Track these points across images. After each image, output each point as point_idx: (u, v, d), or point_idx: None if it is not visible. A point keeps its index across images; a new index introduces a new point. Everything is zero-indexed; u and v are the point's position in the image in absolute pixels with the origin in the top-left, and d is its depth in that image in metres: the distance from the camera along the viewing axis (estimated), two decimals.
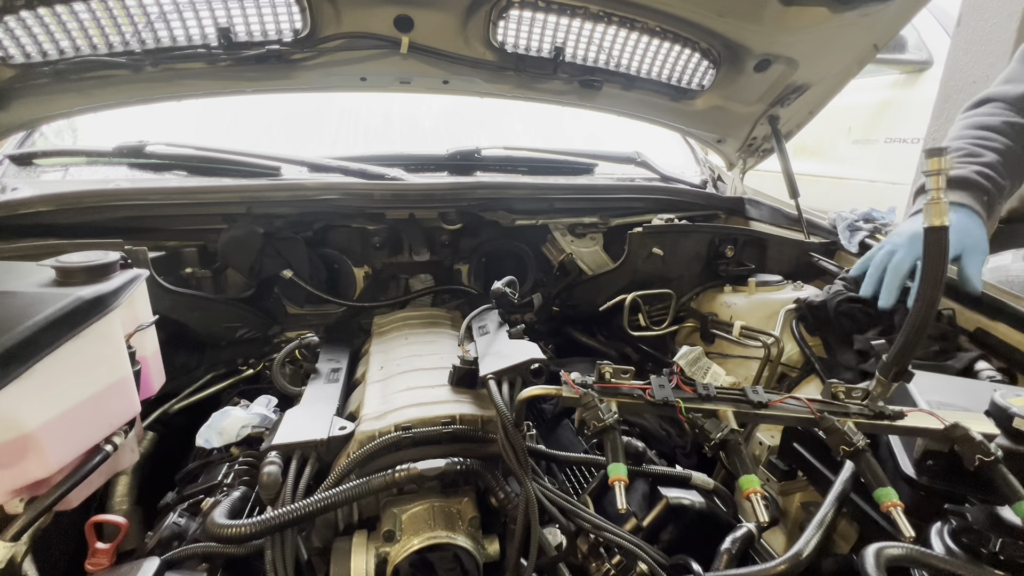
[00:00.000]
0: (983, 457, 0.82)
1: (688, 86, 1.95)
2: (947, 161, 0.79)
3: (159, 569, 0.87)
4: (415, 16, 1.59)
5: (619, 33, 1.73)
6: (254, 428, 1.32)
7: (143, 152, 1.84)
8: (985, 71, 2.83)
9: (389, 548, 0.97)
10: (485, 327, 1.42)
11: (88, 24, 1.45)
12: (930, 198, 0.81)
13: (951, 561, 0.78)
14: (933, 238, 0.82)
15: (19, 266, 1.05)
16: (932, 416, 0.91)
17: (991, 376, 1.22)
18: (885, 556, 0.76)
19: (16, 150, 1.82)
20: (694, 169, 2.55)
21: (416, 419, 1.09)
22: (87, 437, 0.97)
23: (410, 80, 1.82)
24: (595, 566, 1.02)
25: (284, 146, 2.10)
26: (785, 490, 1.25)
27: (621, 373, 0.95)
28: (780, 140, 2.10)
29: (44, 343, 0.85)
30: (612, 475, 0.82)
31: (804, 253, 1.94)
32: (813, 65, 1.83)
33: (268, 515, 0.90)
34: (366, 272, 1.96)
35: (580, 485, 1.26)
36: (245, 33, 1.57)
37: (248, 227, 1.70)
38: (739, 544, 0.96)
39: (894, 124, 3.70)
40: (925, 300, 0.84)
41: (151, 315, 1.21)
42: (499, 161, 2.23)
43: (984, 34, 2.83)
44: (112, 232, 1.59)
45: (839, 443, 0.87)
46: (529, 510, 0.92)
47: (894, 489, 0.83)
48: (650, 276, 1.92)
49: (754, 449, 1.37)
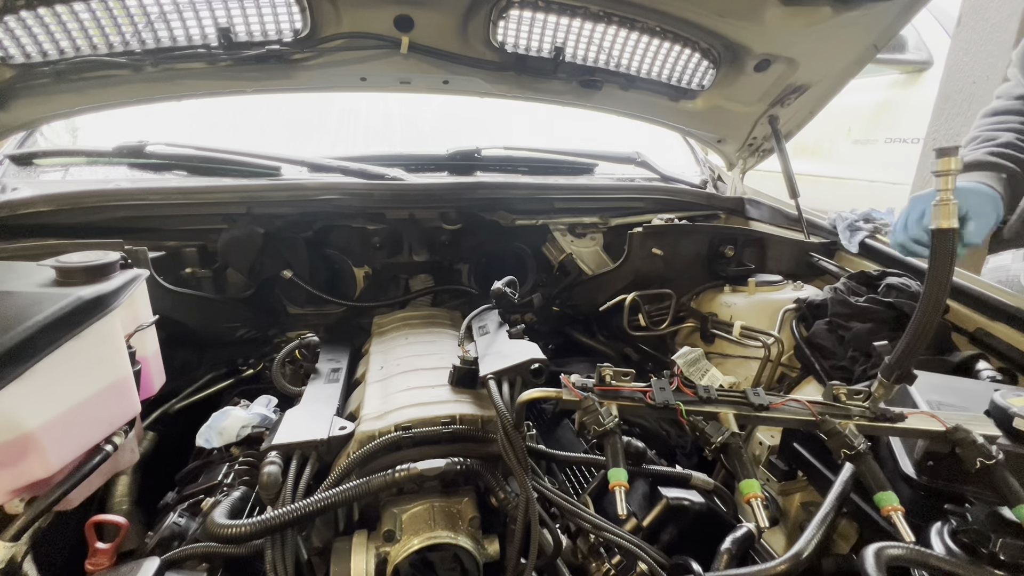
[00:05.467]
0: (984, 460, 0.82)
1: (688, 86, 1.95)
2: (957, 161, 0.78)
3: (159, 569, 0.87)
4: (415, 16, 1.59)
5: (619, 33, 1.73)
6: (254, 428, 1.32)
7: (143, 152, 1.84)
8: (985, 71, 2.83)
9: (389, 548, 0.97)
10: (485, 327, 1.42)
11: (88, 24, 1.45)
12: (939, 199, 0.80)
13: (951, 561, 0.78)
14: (940, 240, 0.81)
15: (19, 266, 1.05)
16: (933, 418, 0.91)
17: (991, 376, 1.22)
18: (885, 556, 0.76)
19: (16, 150, 1.82)
20: (694, 169, 2.55)
21: (416, 419, 1.09)
22: (87, 437, 0.97)
23: (410, 80, 1.82)
24: (595, 566, 1.02)
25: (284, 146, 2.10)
26: (785, 490, 1.25)
27: (621, 375, 0.95)
28: (780, 140, 2.10)
29: (44, 343, 0.85)
30: (612, 480, 0.82)
31: (804, 253, 1.94)
32: (813, 65, 1.83)
33: (268, 515, 0.90)
34: (366, 272, 1.96)
35: (580, 485, 1.26)
36: (245, 33, 1.57)
37: (248, 227, 1.70)
38: (739, 544, 0.96)
39: (894, 124, 3.70)
40: (930, 302, 0.83)
41: (151, 315, 1.21)
42: (499, 161, 2.23)
43: (984, 34, 2.83)
44: (112, 232, 1.59)
45: (840, 446, 0.87)
46: (529, 510, 0.92)
47: (894, 489, 0.83)
48: (650, 276, 1.92)
49: (754, 449, 1.37)
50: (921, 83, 3.55)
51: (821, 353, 1.48)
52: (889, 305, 1.40)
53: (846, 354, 1.41)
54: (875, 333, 1.38)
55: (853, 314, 1.44)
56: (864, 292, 1.50)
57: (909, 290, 1.42)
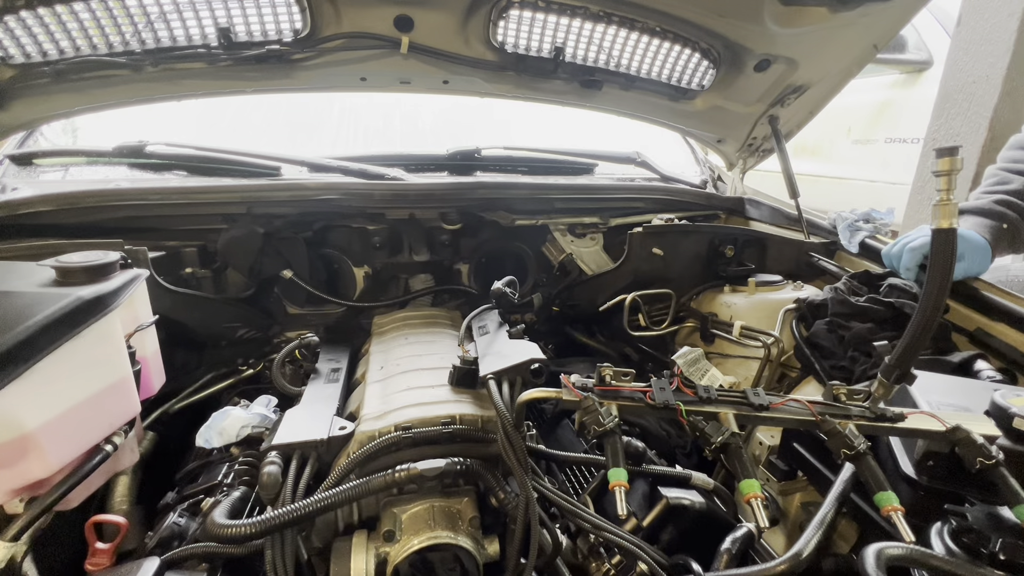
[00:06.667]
0: (984, 460, 0.82)
1: (688, 86, 1.95)
2: (958, 161, 0.78)
3: (159, 569, 0.87)
4: (415, 16, 1.59)
5: (619, 33, 1.73)
6: (254, 428, 1.32)
7: (143, 152, 1.84)
8: (985, 71, 2.83)
9: (389, 548, 0.97)
10: (485, 327, 1.42)
11: (88, 24, 1.45)
12: (939, 199, 0.80)
13: (951, 561, 0.78)
14: (940, 240, 0.81)
15: (19, 266, 1.05)
16: (933, 418, 0.91)
17: (991, 376, 1.22)
18: (885, 556, 0.76)
19: (16, 150, 1.82)
20: (694, 169, 2.55)
21: (416, 419, 1.09)
22: (87, 437, 0.97)
23: (410, 80, 1.82)
24: (595, 566, 1.02)
25: (284, 146, 2.10)
26: (785, 490, 1.25)
27: (621, 375, 0.95)
28: (780, 140, 2.10)
29: (44, 343, 0.85)
30: (612, 480, 0.82)
31: (804, 253, 1.94)
32: (813, 65, 1.83)
33: (268, 515, 0.90)
34: (366, 272, 1.96)
35: (580, 485, 1.26)
36: (245, 33, 1.57)
37: (248, 227, 1.70)
38: (739, 544, 0.96)
39: (894, 124, 3.70)
40: (930, 302, 0.83)
41: (151, 315, 1.21)
42: (499, 161, 2.23)
43: (984, 34, 2.83)
44: (112, 232, 1.59)
45: (840, 446, 0.87)
46: (529, 510, 0.92)
47: (894, 489, 0.83)
48: (650, 276, 1.92)
49: (754, 449, 1.37)
50: (921, 83, 3.55)
51: (821, 353, 1.48)
52: (889, 305, 1.40)
53: (846, 354, 1.41)
54: (875, 333, 1.38)
55: (853, 314, 1.44)
56: (864, 292, 1.50)
57: (910, 290, 1.42)
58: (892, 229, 1.84)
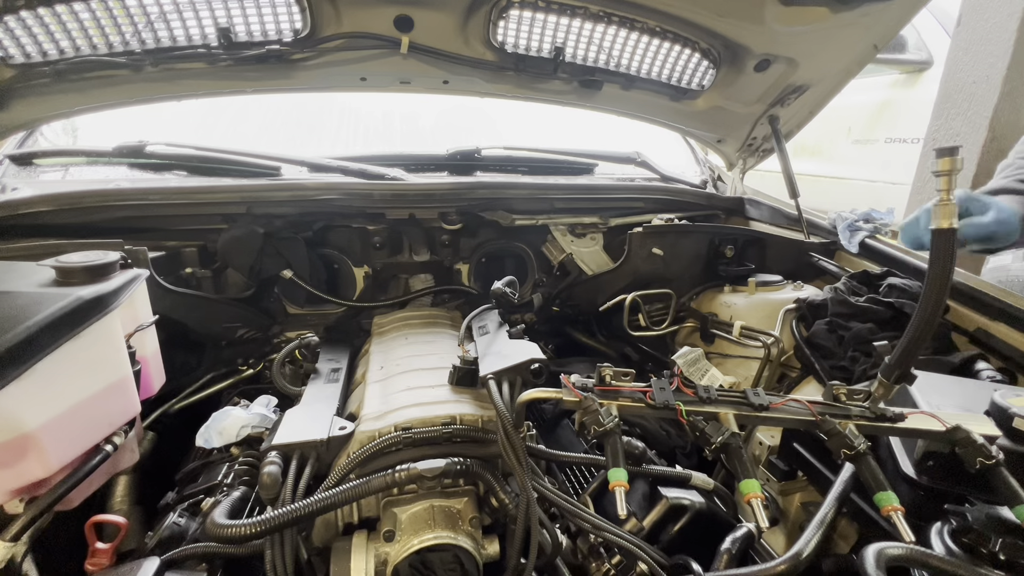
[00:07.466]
0: (984, 460, 0.82)
1: (688, 86, 1.95)
2: (958, 162, 0.78)
3: (159, 569, 0.87)
4: (415, 16, 1.59)
5: (619, 33, 1.73)
6: (254, 428, 1.32)
7: (143, 152, 1.84)
8: (985, 71, 2.83)
9: (389, 548, 0.97)
10: (485, 327, 1.42)
11: (88, 24, 1.45)
12: (939, 199, 0.80)
13: (951, 561, 0.79)
14: (939, 240, 0.81)
15: (19, 266, 1.05)
16: (933, 418, 0.91)
17: (991, 376, 1.22)
18: (885, 556, 0.76)
19: (16, 150, 1.82)
20: (694, 169, 2.55)
21: (416, 419, 1.09)
22: (87, 437, 0.97)
23: (410, 80, 1.82)
24: (595, 566, 1.02)
25: (284, 146, 2.10)
26: (785, 490, 1.25)
27: (621, 375, 0.95)
28: (780, 140, 2.10)
29: (44, 343, 0.85)
30: (612, 480, 0.82)
31: (804, 253, 1.94)
32: (813, 65, 1.83)
33: (268, 515, 0.90)
34: (366, 272, 1.97)
35: (580, 485, 1.26)
36: (245, 33, 1.57)
37: (248, 227, 1.70)
38: (739, 544, 0.96)
39: (894, 124, 3.70)
40: (930, 302, 0.83)
41: (151, 315, 1.21)
42: (499, 161, 2.24)
43: (984, 34, 2.82)
44: (112, 232, 1.59)
45: (840, 446, 0.87)
46: (529, 510, 0.92)
47: (894, 489, 0.83)
48: (650, 276, 1.92)
49: (754, 449, 1.37)
50: (921, 83, 3.55)
51: (821, 353, 1.48)
52: (889, 305, 1.40)
53: (846, 354, 1.41)
54: (875, 333, 1.38)
55: (853, 314, 1.44)
56: (864, 292, 1.50)
57: (910, 290, 1.42)
58: (892, 229, 1.84)
